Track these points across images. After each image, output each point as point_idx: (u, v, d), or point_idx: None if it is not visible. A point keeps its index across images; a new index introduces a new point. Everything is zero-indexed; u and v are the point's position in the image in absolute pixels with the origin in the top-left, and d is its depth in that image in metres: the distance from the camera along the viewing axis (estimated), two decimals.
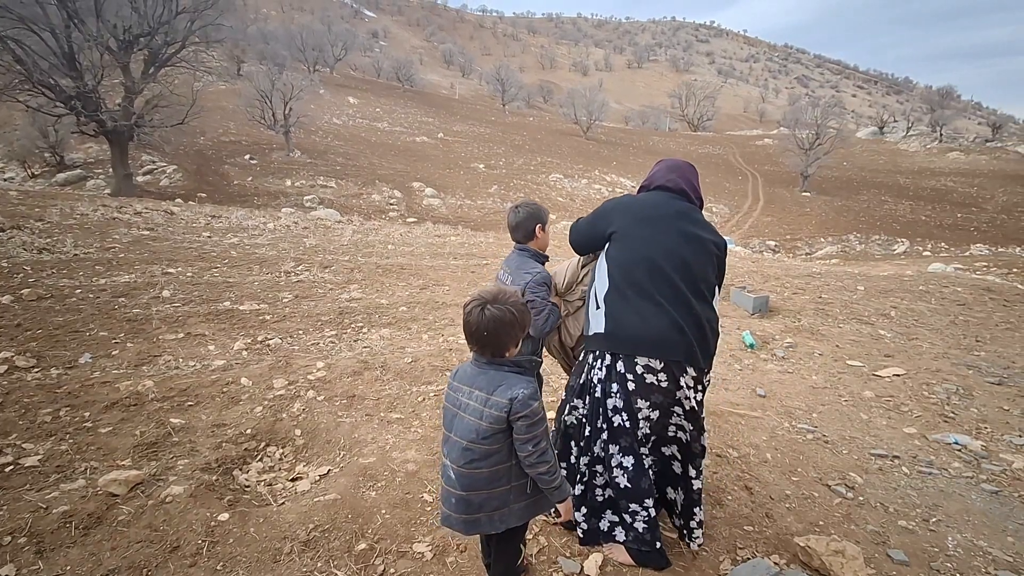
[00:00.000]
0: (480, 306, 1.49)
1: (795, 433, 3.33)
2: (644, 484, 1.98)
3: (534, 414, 1.46)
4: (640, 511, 1.99)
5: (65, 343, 3.73)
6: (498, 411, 1.46)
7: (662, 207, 2.08)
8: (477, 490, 1.52)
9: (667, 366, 1.93)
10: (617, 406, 1.96)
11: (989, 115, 67.93)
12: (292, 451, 2.77)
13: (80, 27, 13.95)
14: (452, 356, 4.04)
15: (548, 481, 1.53)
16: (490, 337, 1.49)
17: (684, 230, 2.02)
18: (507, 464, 1.52)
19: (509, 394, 1.46)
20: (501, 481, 1.53)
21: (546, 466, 1.50)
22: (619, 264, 2.01)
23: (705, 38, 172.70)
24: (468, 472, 1.51)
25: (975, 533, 2.46)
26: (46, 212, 8.18)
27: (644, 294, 1.94)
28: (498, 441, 1.49)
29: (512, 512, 1.57)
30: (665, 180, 2.16)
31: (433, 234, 12.82)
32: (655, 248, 1.98)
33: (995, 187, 33.09)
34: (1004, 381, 4.22)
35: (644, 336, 1.92)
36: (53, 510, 2.10)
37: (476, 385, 1.53)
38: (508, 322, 1.49)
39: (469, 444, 1.49)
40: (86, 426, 2.74)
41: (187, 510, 2.17)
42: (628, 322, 1.94)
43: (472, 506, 1.53)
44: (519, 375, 1.53)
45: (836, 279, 8.21)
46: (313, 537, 2.11)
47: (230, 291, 5.37)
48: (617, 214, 2.13)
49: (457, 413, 1.56)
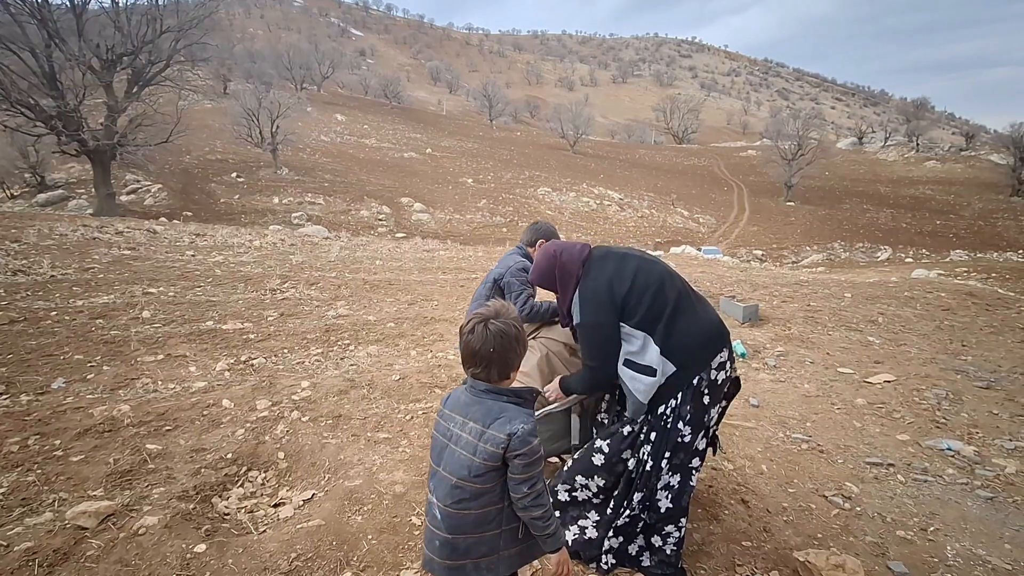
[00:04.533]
0: (483, 322, 1.38)
1: (790, 443, 3.29)
2: (684, 502, 1.95)
3: (533, 452, 1.34)
4: (674, 532, 1.96)
5: (37, 368, 3.59)
6: (494, 447, 1.33)
7: (610, 257, 2.00)
8: (464, 533, 1.37)
9: (729, 352, 1.96)
10: (688, 422, 1.91)
11: (962, 125, 70.12)
12: (275, 475, 2.67)
13: (61, 47, 13.85)
14: (441, 372, 3.96)
15: (542, 527, 1.39)
16: (496, 354, 1.37)
17: (643, 255, 2.06)
18: (499, 506, 1.38)
19: (508, 428, 1.33)
20: (491, 524, 1.38)
21: (541, 510, 1.37)
22: (646, 315, 1.88)
23: (687, 53, 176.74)
24: (455, 512, 1.37)
25: (973, 541, 2.42)
26: (23, 233, 7.99)
27: (679, 309, 1.90)
28: (491, 480, 1.35)
29: (501, 559, 1.41)
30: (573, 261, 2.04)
31: (422, 249, 12.75)
32: (640, 277, 1.92)
33: (971, 195, 33.98)
34: (992, 385, 4.24)
35: (707, 340, 1.91)
36: (15, 547, 1.98)
37: (471, 416, 1.39)
38: (514, 337, 1.39)
39: (459, 482, 1.36)
40: (56, 455, 2.61)
41: (161, 542, 2.06)
42: (688, 343, 1.88)
43: (458, 551, 1.38)
44: (519, 407, 1.40)
45: (823, 287, 8.28)
46: (295, 567, 2.01)
47: (213, 310, 5.25)
48: (604, 301, 1.93)
49: (447, 445, 1.42)
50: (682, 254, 16.05)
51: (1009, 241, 24.65)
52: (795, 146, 34.64)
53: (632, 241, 24.84)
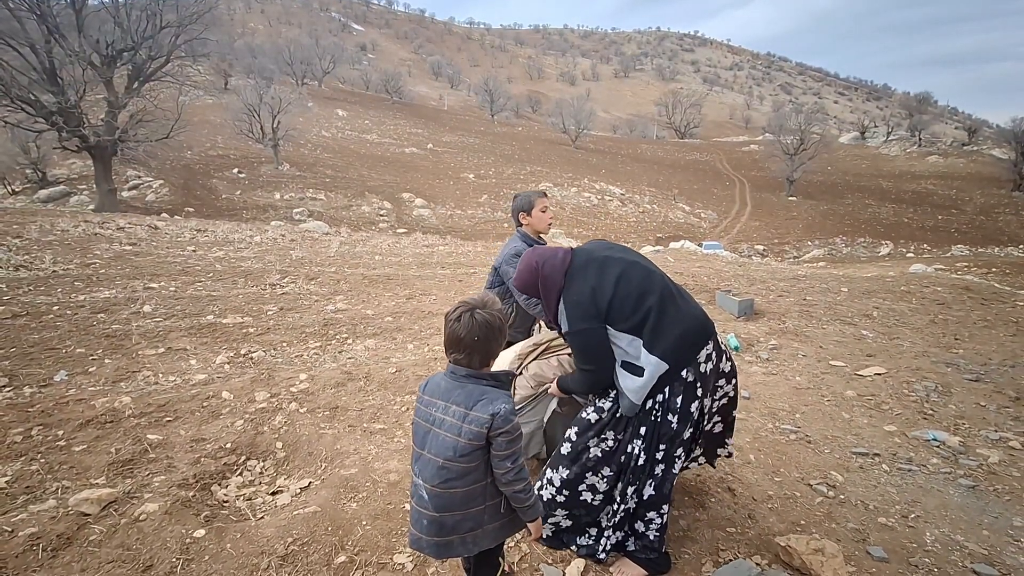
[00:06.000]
0: (469, 311, 1.45)
1: (778, 434, 3.35)
2: (666, 490, 2.00)
3: (515, 429, 1.44)
4: (656, 519, 2.01)
5: (40, 361, 3.66)
6: (478, 427, 1.41)
7: (591, 264, 1.98)
8: (451, 511, 1.46)
9: (714, 343, 2.00)
10: (677, 413, 1.95)
11: (965, 120, 69.66)
12: (273, 464, 2.74)
13: (61, 42, 13.88)
14: (437, 365, 4.02)
15: (523, 499, 1.49)
16: (480, 343, 1.44)
17: (623, 256, 2.04)
18: (483, 483, 1.47)
19: (491, 409, 1.41)
20: (476, 501, 1.48)
21: (522, 483, 1.47)
22: (632, 319, 1.90)
23: (690, 47, 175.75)
24: (442, 492, 1.45)
25: (952, 528, 2.48)
26: (24, 229, 8.06)
27: (663, 309, 1.92)
28: (476, 459, 1.44)
29: (486, 533, 1.52)
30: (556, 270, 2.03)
31: (421, 244, 12.81)
32: (622, 283, 1.92)
33: (973, 189, 33.87)
34: (981, 378, 4.29)
35: (693, 335, 1.94)
36: (19, 533, 2.04)
37: (453, 400, 1.47)
38: (497, 328, 1.47)
39: (445, 462, 1.44)
40: (59, 445, 2.68)
41: (162, 527, 2.13)
42: (675, 340, 1.90)
43: (445, 528, 1.47)
44: (498, 389, 1.49)
45: (820, 281, 8.32)
46: (291, 551, 2.08)
47: (214, 304, 5.32)
48: (588, 309, 1.93)
49: (431, 429, 1.49)
50: (681, 249, 16.07)
51: (1011, 236, 24.60)
52: (797, 141, 34.55)
53: (633, 236, 24.86)
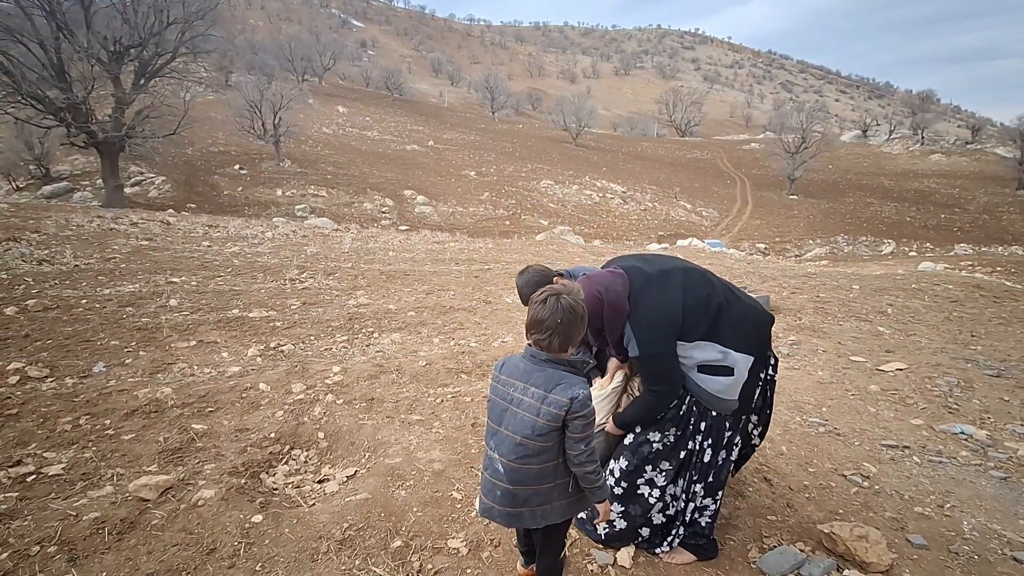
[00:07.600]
0: (555, 295, 1.50)
1: (807, 427, 3.40)
2: (723, 476, 2.07)
3: (591, 414, 1.50)
4: (711, 505, 2.07)
5: (77, 352, 3.69)
6: (557, 409, 1.47)
7: (652, 282, 1.97)
8: (525, 485, 1.55)
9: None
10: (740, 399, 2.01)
11: (968, 118, 69.70)
12: (317, 454, 2.78)
13: (69, 39, 13.87)
14: (465, 359, 4.07)
15: (592, 480, 1.56)
16: (561, 326, 1.48)
17: (675, 264, 2.06)
18: (555, 462, 1.55)
19: (570, 393, 1.47)
20: (548, 478, 1.56)
21: (593, 465, 1.54)
22: (706, 325, 1.92)
23: (690, 45, 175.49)
24: (518, 467, 1.53)
25: (988, 517, 2.54)
26: (41, 224, 8.09)
27: (730, 306, 1.97)
28: (551, 439, 1.51)
29: (553, 509, 1.59)
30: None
31: (432, 241, 12.84)
32: (688, 296, 1.94)
33: (976, 188, 33.92)
34: (1002, 373, 4.34)
35: (762, 324, 2.03)
36: (83, 517, 2.09)
37: (532, 381, 1.53)
38: (580, 315, 1.52)
39: (523, 440, 1.51)
40: (108, 433, 2.73)
41: (220, 513, 2.18)
42: (754, 335, 1.99)
43: (517, 500, 1.56)
44: (575, 374, 1.55)
45: (831, 279, 8.37)
46: (348, 536, 2.13)
47: (237, 299, 5.36)
48: (662, 330, 1.93)
49: (508, 408, 1.57)
50: (689, 247, 16.12)
51: (1014, 235, 24.66)
52: (799, 139, 34.57)
53: (636, 235, 24.90)
